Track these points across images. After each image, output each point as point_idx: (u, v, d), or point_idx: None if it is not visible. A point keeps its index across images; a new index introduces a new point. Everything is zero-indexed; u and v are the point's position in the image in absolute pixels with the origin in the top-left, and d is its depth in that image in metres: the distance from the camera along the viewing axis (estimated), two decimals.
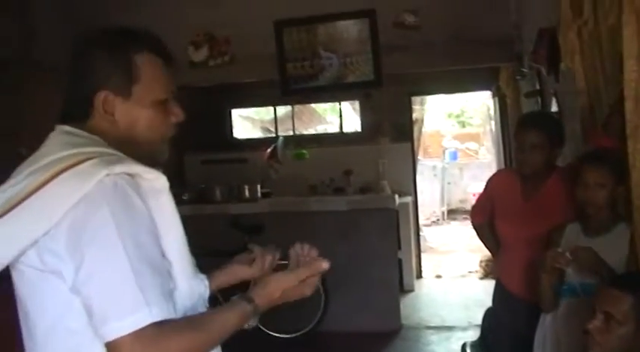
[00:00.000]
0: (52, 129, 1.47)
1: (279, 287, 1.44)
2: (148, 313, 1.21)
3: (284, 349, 5.58)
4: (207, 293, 1.53)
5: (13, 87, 5.07)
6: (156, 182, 1.37)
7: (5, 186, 1.34)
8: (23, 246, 1.29)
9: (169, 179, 1.41)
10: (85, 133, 1.41)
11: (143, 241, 1.27)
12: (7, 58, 5.03)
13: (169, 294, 1.29)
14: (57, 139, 1.41)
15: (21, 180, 1.31)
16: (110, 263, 1.23)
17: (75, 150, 1.33)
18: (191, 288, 1.43)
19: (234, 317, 1.37)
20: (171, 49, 1.56)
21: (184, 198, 6.35)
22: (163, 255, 1.34)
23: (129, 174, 1.32)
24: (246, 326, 1.42)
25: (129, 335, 1.19)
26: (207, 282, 1.55)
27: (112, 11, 5.77)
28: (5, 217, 1.28)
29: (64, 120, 1.45)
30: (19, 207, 1.27)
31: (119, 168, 1.30)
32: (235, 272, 1.75)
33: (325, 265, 1.50)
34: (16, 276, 1.37)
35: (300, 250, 1.64)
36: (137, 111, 1.44)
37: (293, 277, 1.47)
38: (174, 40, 1.98)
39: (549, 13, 3.88)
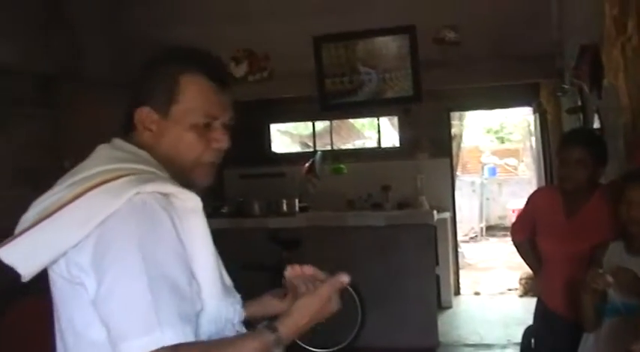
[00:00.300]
0: (95, 142, 1.49)
1: (304, 314, 1.37)
2: (160, 336, 1.20)
3: None
4: (237, 316, 1.48)
5: (61, 102, 5.19)
6: (189, 202, 1.37)
7: (46, 195, 1.37)
8: (53, 255, 1.31)
9: (208, 193, 1.42)
10: (132, 148, 1.44)
11: (165, 262, 1.27)
12: (55, 74, 5.15)
13: (189, 317, 1.27)
14: (102, 152, 1.44)
15: (60, 190, 1.34)
16: (129, 282, 1.23)
17: (114, 166, 1.35)
18: (219, 311, 1.40)
19: (254, 347, 1.30)
20: None
21: (223, 211, 6.41)
22: (193, 276, 1.33)
23: (162, 193, 1.33)
24: None
25: None
26: (240, 306, 1.50)
27: (155, 28, 5.87)
28: (40, 225, 1.30)
29: (123, 133, 1.48)
30: (53, 217, 1.29)
31: (151, 187, 1.30)
32: (266, 304, 1.69)
33: (345, 279, 1.43)
34: (51, 284, 1.39)
35: (294, 271, 1.57)
36: (174, 131, 1.44)
37: (317, 300, 1.39)
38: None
39: (592, 29, 3.85)
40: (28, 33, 4.98)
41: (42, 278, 1.39)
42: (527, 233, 3.42)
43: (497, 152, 16.85)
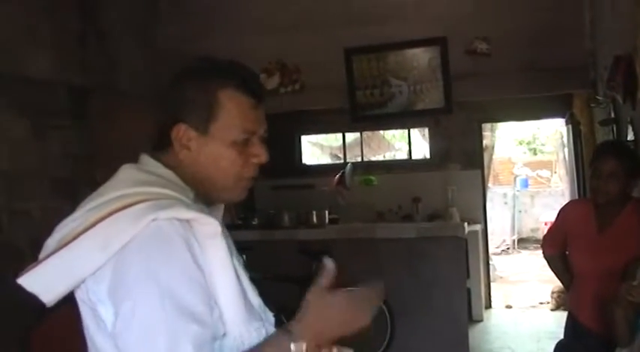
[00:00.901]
0: (128, 154, 1.49)
1: (319, 315, 1.29)
2: None
3: None
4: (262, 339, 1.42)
5: (96, 114, 5.28)
6: (208, 227, 1.34)
7: (68, 219, 1.35)
8: (72, 283, 1.30)
9: (240, 204, 1.41)
10: (158, 167, 1.42)
11: (181, 290, 1.25)
12: (90, 86, 5.25)
13: (205, 345, 1.25)
14: (124, 174, 1.41)
15: (80, 215, 1.33)
16: (146, 312, 1.22)
17: (134, 190, 1.33)
18: (241, 337, 1.36)
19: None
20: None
21: (254, 223, 6.43)
22: (215, 302, 1.32)
23: (179, 219, 1.30)
24: None
25: None
26: (272, 326, 1.47)
27: (188, 41, 5.95)
28: (59, 253, 1.29)
29: (153, 149, 1.46)
30: (71, 244, 1.28)
31: (167, 213, 1.28)
32: None
33: (330, 265, 1.37)
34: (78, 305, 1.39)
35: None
36: (213, 148, 1.42)
37: (328, 298, 1.31)
38: None
39: (625, 39, 3.81)
40: (65, 45, 5.08)
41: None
42: (559, 246, 3.39)
43: (530, 163, 16.71)
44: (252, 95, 1.44)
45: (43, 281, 1.30)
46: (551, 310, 7.70)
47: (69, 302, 1.40)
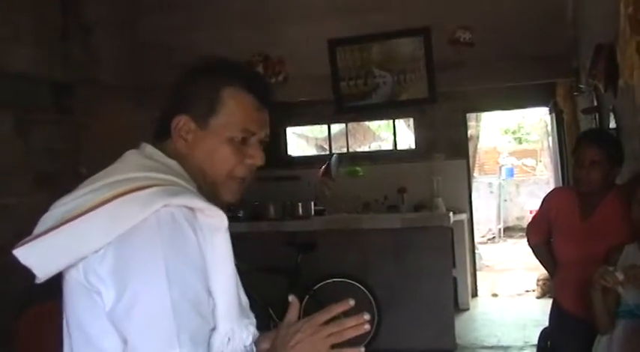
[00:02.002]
0: (111, 147, 1.50)
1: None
2: None
3: None
4: (250, 337, 1.43)
5: (78, 108, 5.24)
6: (214, 219, 1.34)
7: (70, 196, 1.34)
8: (72, 259, 1.28)
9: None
10: (162, 156, 1.42)
11: (189, 279, 1.25)
12: (72, 80, 5.21)
13: (204, 337, 1.26)
14: (132, 158, 1.42)
15: (87, 192, 1.32)
16: (151, 298, 1.22)
17: (144, 174, 1.33)
18: (232, 333, 1.36)
19: None
20: None
21: (239, 215, 6.43)
22: (210, 295, 1.32)
23: (188, 208, 1.30)
24: None
25: None
26: (253, 327, 1.46)
27: (171, 34, 5.92)
28: (62, 227, 1.27)
29: (154, 138, 1.47)
30: (78, 220, 1.27)
31: (178, 201, 1.28)
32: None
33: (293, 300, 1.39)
34: (64, 288, 1.37)
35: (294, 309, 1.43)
36: (209, 142, 1.43)
37: (296, 335, 1.33)
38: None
39: (607, 27, 3.82)
40: (47, 40, 5.04)
41: (61, 280, 1.37)
42: (543, 234, 3.41)
43: (515, 153, 16.79)
44: (257, 97, 1.46)
45: (41, 255, 1.29)
46: (537, 298, 7.76)
47: (55, 293, 1.39)
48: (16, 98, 4.65)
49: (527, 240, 3.61)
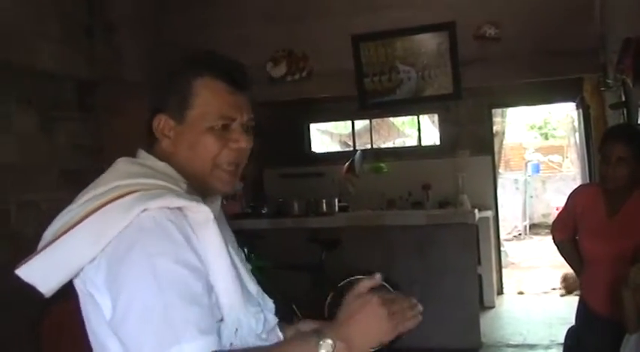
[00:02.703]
0: (135, 146, 1.51)
1: (355, 322, 1.29)
2: (179, 350, 1.19)
3: None
4: (263, 325, 1.45)
5: (102, 105, 5.28)
6: (199, 215, 1.35)
7: (65, 210, 1.38)
8: (69, 273, 1.32)
9: (249, 193, 1.40)
10: (151, 160, 1.45)
11: (177, 275, 1.25)
12: (97, 78, 5.24)
13: (210, 327, 1.26)
14: (118, 167, 1.44)
15: (76, 207, 1.35)
16: (142, 300, 1.23)
17: (127, 181, 1.35)
18: (239, 322, 1.38)
19: None
20: (250, 65, 1.54)
21: (263, 211, 6.44)
22: (212, 287, 1.33)
23: (171, 208, 1.31)
24: None
25: None
26: (271, 314, 1.47)
27: (193, 31, 5.93)
28: (54, 243, 1.31)
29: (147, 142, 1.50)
30: (66, 235, 1.30)
31: (158, 203, 1.30)
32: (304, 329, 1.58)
33: (378, 277, 1.36)
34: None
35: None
36: (190, 135, 1.44)
37: (359, 306, 1.30)
38: (253, 56, 2.02)
39: (635, 21, 3.76)
40: (72, 38, 5.07)
41: None
42: (569, 232, 3.36)
43: (541, 149, 16.62)
44: (230, 81, 1.45)
45: (40, 272, 1.32)
46: (561, 296, 7.69)
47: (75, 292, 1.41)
48: (40, 96, 4.69)
49: (553, 237, 3.57)
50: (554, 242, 3.54)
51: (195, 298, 1.26)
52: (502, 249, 8.75)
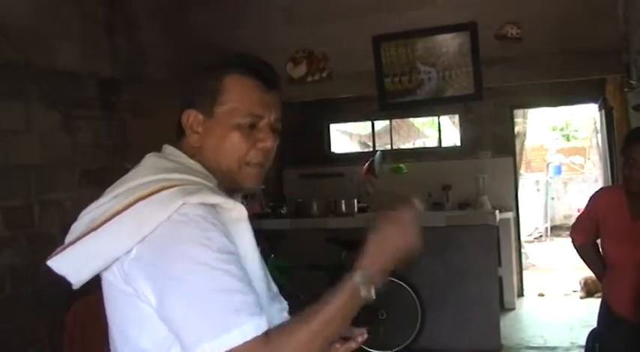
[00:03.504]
0: (157, 144, 1.52)
1: (382, 245, 1.39)
2: (229, 338, 1.20)
3: None
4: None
5: (126, 104, 5.31)
6: (233, 212, 1.37)
7: (93, 205, 1.39)
8: (102, 265, 1.33)
9: (268, 193, 1.41)
10: (180, 156, 1.45)
11: (222, 263, 1.26)
12: (118, 76, 5.28)
13: (259, 308, 1.26)
14: (149, 162, 1.45)
15: (107, 201, 1.36)
16: (189, 289, 1.23)
17: (160, 176, 1.36)
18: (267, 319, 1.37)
19: (343, 296, 1.32)
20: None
21: (283, 212, 6.44)
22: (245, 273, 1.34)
23: (207, 204, 1.32)
24: (364, 300, 1.34)
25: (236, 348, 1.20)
26: (286, 313, 1.49)
27: (214, 30, 5.95)
28: (89, 235, 1.32)
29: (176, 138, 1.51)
30: (102, 227, 1.31)
31: (195, 199, 1.30)
32: None
33: (417, 202, 1.44)
34: (103, 287, 1.41)
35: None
36: (218, 131, 1.45)
37: (391, 228, 1.41)
38: (273, 57, 2.01)
39: None
40: (93, 36, 5.10)
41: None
42: (589, 235, 3.32)
43: (563, 150, 16.50)
44: (261, 79, 1.46)
45: (72, 264, 1.34)
46: (582, 298, 7.63)
47: (97, 290, 1.43)
48: (62, 95, 4.72)
49: (572, 240, 3.51)
50: (574, 245, 3.49)
51: (242, 283, 1.27)
52: (523, 250, 8.69)
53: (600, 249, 3.34)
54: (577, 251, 3.49)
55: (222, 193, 1.39)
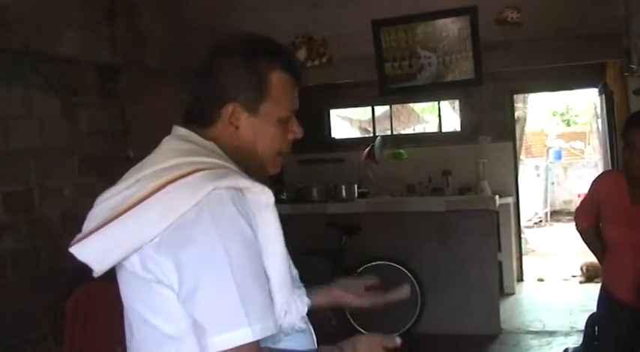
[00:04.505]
0: (157, 130, 1.51)
1: (367, 348, 1.45)
2: (249, 331, 1.22)
3: None
4: (305, 309, 1.48)
5: (126, 91, 5.29)
6: (261, 196, 1.36)
7: (115, 190, 1.36)
8: (128, 251, 1.31)
9: (269, 178, 1.42)
10: (199, 139, 1.43)
11: (247, 256, 1.28)
12: (118, 63, 5.26)
13: (271, 309, 1.29)
14: (169, 145, 1.43)
15: (131, 185, 1.34)
16: (215, 277, 1.24)
17: (185, 159, 1.34)
18: (289, 305, 1.40)
19: None
20: None
21: (283, 197, 6.45)
22: (265, 270, 1.34)
23: (236, 188, 1.32)
24: None
25: (230, 350, 1.22)
26: (306, 298, 1.50)
27: (214, 15, 5.92)
28: (115, 221, 1.30)
29: (187, 122, 1.47)
30: (129, 213, 1.29)
31: (226, 183, 1.30)
32: (334, 296, 1.72)
33: (398, 341, 1.50)
34: (119, 278, 1.40)
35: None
36: (260, 126, 1.45)
37: (380, 340, 1.47)
38: None
39: None
40: (93, 22, 5.07)
41: None
42: (592, 219, 3.32)
43: (563, 135, 16.49)
44: (295, 76, 1.49)
45: (97, 251, 1.32)
46: (581, 283, 7.66)
47: (104, 276, 1.41)
48: (62, 81, 4.71)
49: (575, 224, 3.52)
50: (577, 229, 3.50)
51: (261, 280, 1.29)
52: (522, 235, 8.71)
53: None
54: (580, 235, 3.49)
55: (249, 178, 1.38)
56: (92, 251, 1.33)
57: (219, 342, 1.22)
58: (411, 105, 12.16)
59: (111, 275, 1.42)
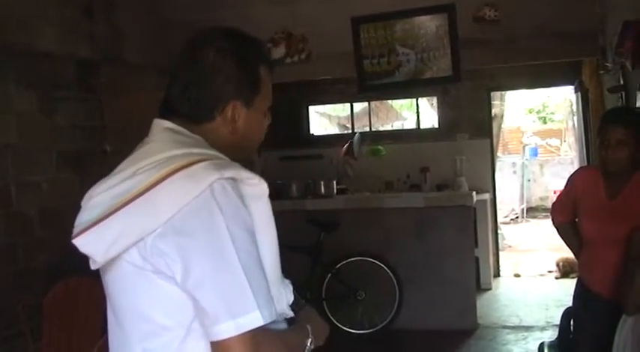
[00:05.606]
0: (136, 127, 1.51)
1: (318, 325, 1.57)
2: (260, 316, 1.25)
3: (357, 345, 5.60)
4: (292, 297, 1.51)
5: (102, 86, 5.26)
6: (257, 187, 1.38)
7: (112, 181, 1.36)
8: (132, 242, 1.31)
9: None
10: (188, 133, 1.44)
11: (252, 243, 1.31)
12: (98, 59, 5.22)
13: (270, 295, 1.32)
14: (164, 136, 1.43)
15: (129, 176, 1.34)
16: (223, 265, 1.26)
17: (184, 150, 1.35)
18: (280, 294, 1.43)
19: (301, 339, 1.49)
20: None
21: None
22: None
23: (234, 179, 1.34)
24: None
25: (238, 336, 1.24)
26: (291, 287, 1.53)
27: (194, 10, 5.89)
28: (120, 211, 1.30)
29: (168, 116, 1.47)
30: (131, 205, 1.30)
31: (228, 173, 1.32)
32: None
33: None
34: (110, 269, 1.39)
35: None
36: (254, 119, 1.51)
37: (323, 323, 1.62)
38: None
39: (635, 4, 3.76)
40: (72, 17, 5.03)
41: (85, 259, 1.39)
42: (568, 214, 3.37)
43: (539, 132, 16.65)
44: (272, 69, 1.56)
45: (101, 242, 1.32)
46: (557, 278, 7.75)
47: (81, 269, 1.41)
48: (40, 76, 4.67)
49: (552, 220, 3.57)
50: (554, 224, 3.55)
51: (262, 267, 1.32)
52: (499, 231, 8.79)
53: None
54: (557, 230, 3.54)
55: (245, 168, 1.40)
56: (98, 241, 1.32)
57: (232, 327, 1.24)
58: (390, 102, 12.20)
59: (89, 271, 1.41)
